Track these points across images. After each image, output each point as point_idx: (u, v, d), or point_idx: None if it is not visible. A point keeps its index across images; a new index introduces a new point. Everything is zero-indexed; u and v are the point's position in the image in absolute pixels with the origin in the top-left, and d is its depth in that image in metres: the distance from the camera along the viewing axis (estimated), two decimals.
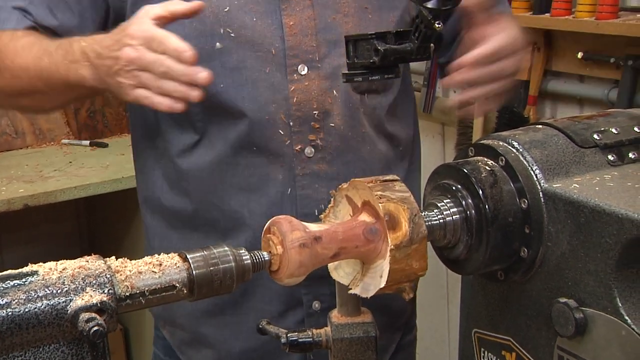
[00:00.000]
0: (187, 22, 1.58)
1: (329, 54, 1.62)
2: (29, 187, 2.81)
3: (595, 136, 1.11)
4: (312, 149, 1.60)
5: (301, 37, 1.60)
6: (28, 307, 0.89)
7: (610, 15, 2.30)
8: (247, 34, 1.59)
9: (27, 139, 3.24)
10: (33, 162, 3.07)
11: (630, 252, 0.97)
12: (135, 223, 3.05)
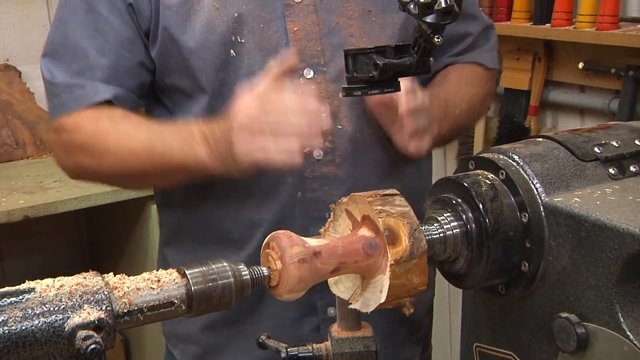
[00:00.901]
0: (204, 36, 1.62)
1: (334, 58, 1.63)
2: (29, 198, 2.81)
3: (596, 149, 1.11)
4: (321, 152, 1.60)
5: (306, 41, 1.62)
6: (25, 324, 0.89)
7: (611, 26, 2.30)
8: (255, 40, 1.61)
9: (27, 149, 3.25)
10: (34, 172, 3.07)
11: (632, 267, 0.97)
12: (135, 233, 3.04)
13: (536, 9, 2.49)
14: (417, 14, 1.07)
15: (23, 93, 3.31)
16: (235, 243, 1.68)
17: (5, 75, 3.30)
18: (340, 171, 1.64)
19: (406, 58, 1.13)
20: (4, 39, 3.33)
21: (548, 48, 2.59)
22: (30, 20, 3.37)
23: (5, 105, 3.25)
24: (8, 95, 3.27)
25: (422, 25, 1.07)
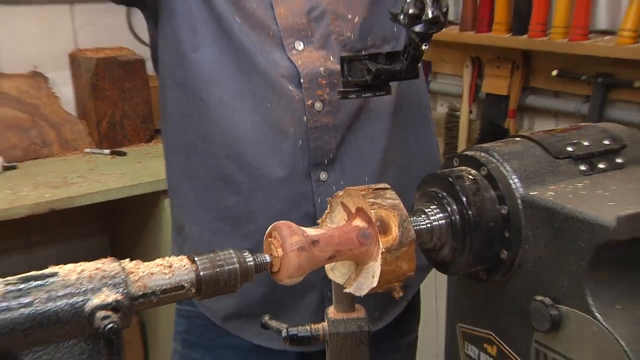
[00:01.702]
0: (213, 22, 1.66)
1: (318, 28, 1.64)
2: (54, 192, 2.81)
3: (569, 148, 1.11)
4: (321, 104, 1.61)
5: (292, 18, 1.62)
6: (49, 305, 0.89)
7: (582, 37, 2.31)
8: (249, 20, 1.62)
9: (53, 148, 3.25)
10: (58, 169, 3.07)
11: (601, 255, 0.97)
12: (149, 224, 3.06)
13: (514, 22, 2.49)
14: (407, 24, 1.07)
15: (49, 97, 3.31)
16: (237, 194, 1.69)
17: (34, 81, 3.30)
18: (336, 120, 1.64)
19: (397, 64, 1.13)
20: (32, 49, 3.33)
21: (525, 57, 2.60)
22: (56, 31, 3.37)
23: (34, 108, 3.25)
24: (36, 99, 3.27)
25: (411, 35, 1.07)
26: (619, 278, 1.00)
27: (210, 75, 1.65)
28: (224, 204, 1.69)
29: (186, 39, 1.67)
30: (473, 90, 2.75)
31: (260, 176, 1.64)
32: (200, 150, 1.69)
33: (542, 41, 2.40)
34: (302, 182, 1.64)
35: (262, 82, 1.62)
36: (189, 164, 1.73)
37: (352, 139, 1.66)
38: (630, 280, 1.01)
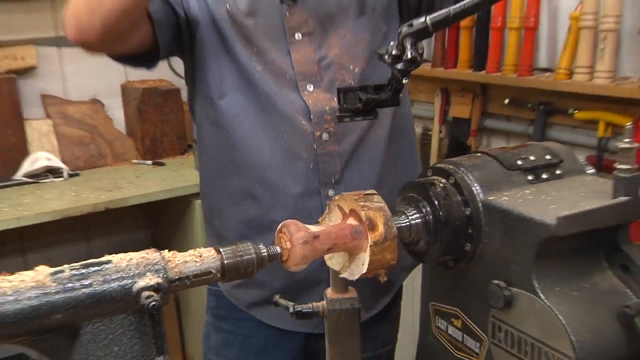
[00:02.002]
0: (237, 71, 1.65)
1: (325, 74, 1.64)
2: (108, 194, 2.82)
3: (519, 162, 1.11)
4: (327, 135, 1.61)
5: (305, 65, 1.62)
6: (104, 286, 0.89)
7: (527, 73, 2.31)
8: (269, 67, 1.61)
9: (107, 159, 3.26)
10: (111, 176, 3.08)
11: (544, 247, 0.97)
12: (182, 220, 3.06)
13: (475, 60, 2.49)
14: (390, 63, 1.07)
15: (105, 119, 3.32)
16: (261, 207, 1.68)
17: (93, 107, 3.31)
18: (340, 148, 1.64)
19: (383, 94, 1.12)
20: (92, 81, 3.34)
21: (483, 88, 2.60)
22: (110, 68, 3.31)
23: (93, 128, 3.27)
24: (95, 121, 3.28)
25: (394, 71, 1.07)
26: (559, 266, 1.01)
27: (236, 115, 1.66)
28: (250, 215, 1.69)
29: (214, 86, 1.67)
30: (442, 115, 2.75)
31: (280, 193, 1.65)
32: (232, 173, 1.70)
33: (496, 76, 2.41)
34: (314, 197, 1.65)
35: (280, 118, 1.63)
36: (222, 184, 1.74)
37: (354, 164, 1.67)
38: (567, 267, 1.02)
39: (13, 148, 3.06)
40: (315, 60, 1.64)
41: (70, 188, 2.92)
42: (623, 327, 0.97)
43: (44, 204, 2.73)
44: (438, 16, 1.03)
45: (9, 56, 3.12)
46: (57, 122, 3.21)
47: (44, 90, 3.25)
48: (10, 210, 2.67)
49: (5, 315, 0.85)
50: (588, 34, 2.11)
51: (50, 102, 3.24)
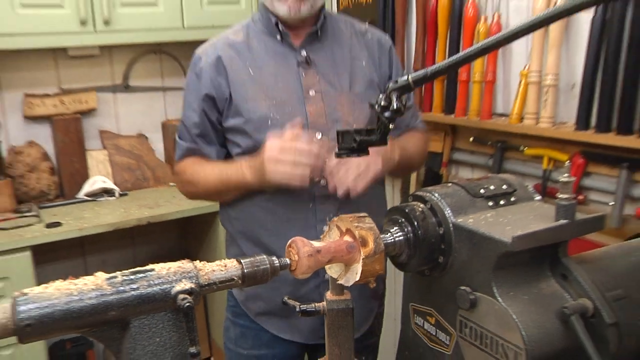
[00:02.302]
0: (252, 119, 1.63)
1: (332, 126, 1.62)
2: (150, 211, 2.82)
3: (482, 191, 1.11)
4: (325, 181, 1.59)
5: (317, 117, 1.62)
6: (148, 289, 0.89)
7: (487, 117, 2.31)
8: (286, 118, 1.60)
9: (150, 182, 3.26)
10: (153, 196, 3.08)
11: (501, 260, 0.97)
12: (208, 233, 3.05)
13: (445, 105, 2.49)
14: (380, 112, 1.07)
15: (149, 150, 3.32)
16: (274, 235, 1.67)
17: (139, 140, 3.32)
18: (336, 192, 1.61)
19: (373, 136, 1.13)
20: (139, 119, 3.35)
21: (453, 128, 2.59)
22: (154, 108, 3.39)
23: (139, 157, 3.27)
24: (140, 151, 3.28)
25: (382, 118, 1.07)
26: (512, 275, 1.00)
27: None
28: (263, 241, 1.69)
29: (234, 141, 1.69)
30: None
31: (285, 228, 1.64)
32: (247, 210, 1.71)
33: (463, 119, 2.41)
34: (312, 230, 1.63)
35: None
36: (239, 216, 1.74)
37: (346, 206, 1.64)
38: (519, 276, 1.01)
39: (77, 173, 3.07)
40: (325, 113, 1.64)
41: (121, 205, 2.92)
42: (562, 323, 0.97)
43: (100, 218, 2.73)
44: (417, 75, 1.03)
45: (76, 100, 3.14)
46: (111, 152, 3.22)
47: (102, 127, 3.27)
48: (74, 222, 2.67)
49: (72, 311, 0.85)
50: (534, 87, 2.12)
51: (106, 136, 3.25)
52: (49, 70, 3.10)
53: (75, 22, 2.71)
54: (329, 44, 1.71)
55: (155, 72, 3.35)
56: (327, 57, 1.68)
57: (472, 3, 2.32)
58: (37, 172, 2.98)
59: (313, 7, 1.63)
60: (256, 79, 1.64)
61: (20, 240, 2.49)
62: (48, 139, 3.10)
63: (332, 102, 1.64)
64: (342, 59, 1.70)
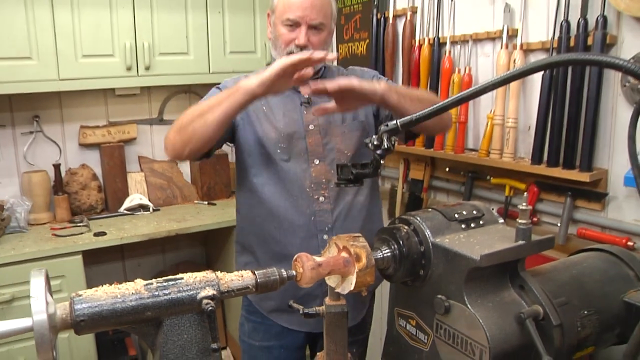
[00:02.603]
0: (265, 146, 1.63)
1: (328, 154, 1.64)
2: (178, 224, 2.80)
3: (456, 215, 1.11)
4: (323, 197, 1.60)
5: (315, 147, 1.62)
6: (178, 295, 0.90)
7: (460, 151, 2.31)
8: (290, 148, 1.62)
9: (178, 200, 3.24)
10: (180, 211, 3.05)
11: (471, 274, 0.98)
12: (228, 243, 3.02)
13: (426, 141, 2.49)
14: (372, 150, 1.08)
15: (177, 173, 3.31)
16: (280, 242, 1.66)
17: (170, 164, 3.31)
18: (332, 207, 1.63)
19: (367, 170, 1.13)
20: None
21: (432, 160, 2.59)
22: None
23: (169, 178, 3.26)
24: (171, 173, 3.28)
25: (375, 155, 1.08)
26: (480, 286, 1.01)
27: (263, 185, 1.66)
28: (271, 249, 1.69)
29: (249, 165, 1.68)
30: (404, 176, 2.73)
31: (291, 236, 1.64)
32: (258, 221, 1.70)
33: (440, 152, 2.41)
34: (312, 240, 1.63)
35: (293, 185, 1.63)
36: (252, 228, 1.74)
37: (341, 219, 1.66)
38: (485, 287, 1.01)
39: (119, 191, 3.06)
40: (323, 143, 1.65)
41: (154, 219, 2.91)
42: (519, 325, 0.98)
43: (137, 229, 2.72)
44: (405, 120, 1.04)
45: (120, 131, 3.14)
46: (147, 174, 3.21)
47: (140, 153, 3.26)
48: (116, 232, 2.66)
49: (116, 310, 0.86)
50: (498, 128, 2.14)
51: (143, 161, 3.25)
52: (100, 106, 3.12)
53: (122, 68, 2.75)
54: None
55: (185, 108, 3.26)
56: (323, 98, 1.70)
57: (448, 57, 2.34)
58: (88, 189, 2.98)
59: (315, 67, 1.65)
60: (269, 115, 1.68)
61: (74, 246, 2.49)
62: (97, 162, 3.10)
63: (327, 134, 1.67)
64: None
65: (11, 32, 2.50)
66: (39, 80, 2.57)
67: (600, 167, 1.90)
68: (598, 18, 1.78)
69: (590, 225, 1.95)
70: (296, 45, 1.60)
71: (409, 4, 2.56)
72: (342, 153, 1.67)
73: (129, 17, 2.73)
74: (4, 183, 2.92)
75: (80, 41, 2.64)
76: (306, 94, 1.54)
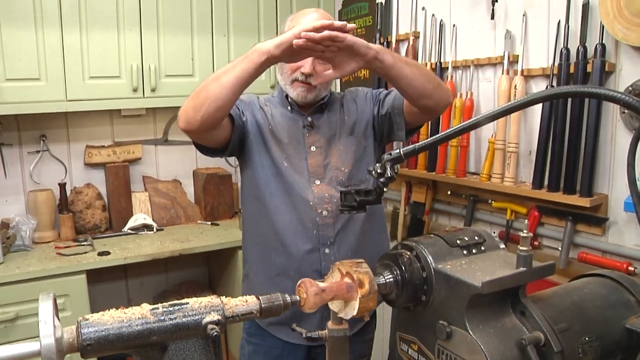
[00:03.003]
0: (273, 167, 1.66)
1: (327, 173, 1.66)
2: (181, 244, 2.79)
3: (457, 241, 1.11)
4: (326, 212, 1.62)
5: (316, 167, 1.64)
6: (184, 319, 0.90)
7: (462, 175, 2.32)
8: (293, 166, 1.65)
9: (182, 219, 3.23)
10: (184, 231, 3.05)
11: (473, 300, 0.97)
12: (230, 264, 3.01)
13: (428, 164, 2.51)
14: (376, 177, 1.09)
15: (182, 193, 3.32)
16: (282, 255, 1.67)
17: (174, 184, 3.32)
18: (333, 221, 1.65)
19: (370, 197, 1.14)
20: (174, 167, 3.35)
21: (434, 183, 2.60)
22: (186, 159, 3.41)
23: (173, 198, 3.26)
24: (174, 193, 3.28)
25: (378, 183, 1.09)
26: (481, 312, 1.00)
27: (270, 196, 1.68)
28: (273, 263, 1.70)
29: (258, 175, 1.70)
30: (406, 199, 2.74)
31: (293, 250, 1.66)
32: (263, 234, 1.71)
33: (442, 176, 2.43)
34: (315, 253, 1.65)
35: (297, 199, 1.65)
36: (256, 241, 1.75)
37: (343, 232, 1.67)
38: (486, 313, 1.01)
39: (123, 210, 3.07)
40: (322, 164, 1.68)
41: (157, 239, 2.91)
42: (520, 352, 0.97)
43: (141, 249, 2.72)
44: (407, 149, 1.05)
45: (125, 151, 3.16)
46: (151, 194, 3.22)
47: (145, 173, 3.28)
48: (119, 252, 2.67)
49: (122, 335, 0.86)
50: (499, 153, 2.15)
51: (148, 180, 3.26)
52: (106, 126, 3.14)
53: (128, 90, 2.78)
54: (327, 111, 1.78)
55: None
56: (325, 121, 1.75)
57: (449, 82, 2.37)
58: (92, 208, 3.00)
59: (318, 96, 1.70)
60: (274, 136, 1.71)
61: (78, 265, 2.49)
62: (102, 181, 3.12)
63: (327, 154, 1.70)
64: (335, 122, 1.76)
65: (21, 53, 2.53)
66: (46, 101, 2.60)
67: (601, 192, 1.91)
68: (597, 46, 1.81)
69: (591, 249, 1.95)
70: (301, 73, 1.63)
71: (411, 29, 2.59)
72: (339, 170, 1.70)
73: (136, 39, 2.77)
74: (10, 201, 2.93)
75: (87, 63, 2.68)
76: (315, 83, 1.53)
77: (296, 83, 1.67)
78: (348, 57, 1.39)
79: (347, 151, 1.72)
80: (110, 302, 3.16)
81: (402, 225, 2.73)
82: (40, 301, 0.83)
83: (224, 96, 1.42)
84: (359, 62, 1.41)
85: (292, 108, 1.74)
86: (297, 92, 1.68)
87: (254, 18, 3.06)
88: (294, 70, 1.66)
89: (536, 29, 2.06)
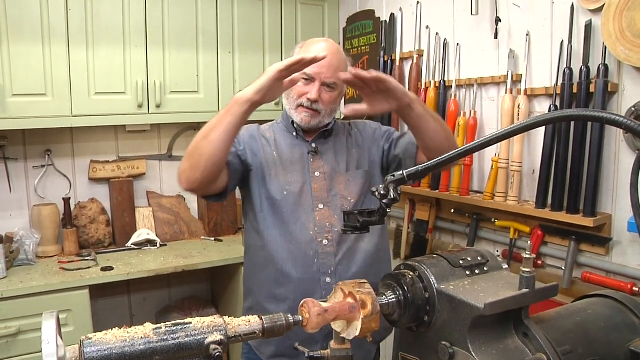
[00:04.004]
0: (270, 199, 1.65)
1: (332, 200, 1.66)
2: (185, 260, 2.79)
3: (460, 261, 1.11)
4: (327, 241, 1.61)
5: (320, 192, 1.64)
6: (186, 339, 0.89)
7: (466, 193, 2.33)
8: (295, 193, 1.65)
9: (185, 235, 3.24)
10: (187, 247, 3.05)
11: (475, 321, 0.97)
12: (233, 280, 3.01)
13: (431, 182, 2.51)
14: (379, 199, 1.09)
15: (185, 208, 3.32)
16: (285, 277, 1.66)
17: (178, 200, 3.33)
18: (334, 249, 1.64)
19: (373, 218, 1.14)
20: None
21: (437, 201, 2.60)
22: None
23: (177, 214, 3.27)
24: (178, 209, 3.29)
25: (382, 204, 1.09)
26: (484, 333, 1.00)
27: (269, 228, 1.68)
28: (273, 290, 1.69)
29: (256, 209, 1.70)
30: (410, 216, 2.73)
31: (294, 279, 1.65)
32: (263, 263, 1.71)
33: (446, 194, 2.43)
34: (316, 283, 1.64)
35: (297, 229, 1.65)
36: (257, 269, 1.74)
37: (344, 262, 1.66)
38: (489, 334, 1.01)
39: (127, 225, 3.08)
40: (327, 190, 1.67)
41: (161, 254, 2.91)
42: None
43: (144, 264, 2.72)
44: (411, 171, 1.06)
45: (130, 167, 3.18)
46: (155, 209, 3.23)
47: (149, 188, 3.29)
48: (123, 267, 2.67)
49: (125, 354, 0.86)
50: (503, 172, 2.16)
51: (152, 196, 3.28)
52: (111, 141, 3.16)
53: (133, 106, 2.80)
54: (332, 138, 1.79)
55: None
56: (329, 147, 1.76)
57: (453, 101, 2.38)
58: (96, 223, 3.01)
59: (321, 122, 1.71)
60: (278, 162, 1.71)
61: (81, 280, 2.50)
62: (106, 196, 3.13)
63: (332, 181, 1.70)
64: (341, 149, 1.77)
65: (28, 69, 2.56)
66: (52, 116, 2.63)
67: (604, 212, 1.91)
68: (600, 66, 1.82)
69: (594, 269, 1.95)
70: (307, 99, 1.65)
71: (415, 47, 2.61)
72: (345, 199, 1.70)
73: (142, 56, 2.80)
74: (15, 215, 2.94)
75: (93, 79, 2.70)
76: (346, 114, 1.57)
77: (301, 108, 1.69)
78: (384, 98, 1.49)
79: (356, 183, 1.72)
80: (112, 317, 3.16)
81: (405, 242, 2.73)
82: (43, 320, 0.83)
83: (217, 151, 1.51)
84: (392, 105, 1.51)
85: (297, 134, 1.76)
86: (302, 117, 1.69)
87: (259, 35, 3.09)
88: (300, 96, 1.68)
89: (539, 49, 2.08)
